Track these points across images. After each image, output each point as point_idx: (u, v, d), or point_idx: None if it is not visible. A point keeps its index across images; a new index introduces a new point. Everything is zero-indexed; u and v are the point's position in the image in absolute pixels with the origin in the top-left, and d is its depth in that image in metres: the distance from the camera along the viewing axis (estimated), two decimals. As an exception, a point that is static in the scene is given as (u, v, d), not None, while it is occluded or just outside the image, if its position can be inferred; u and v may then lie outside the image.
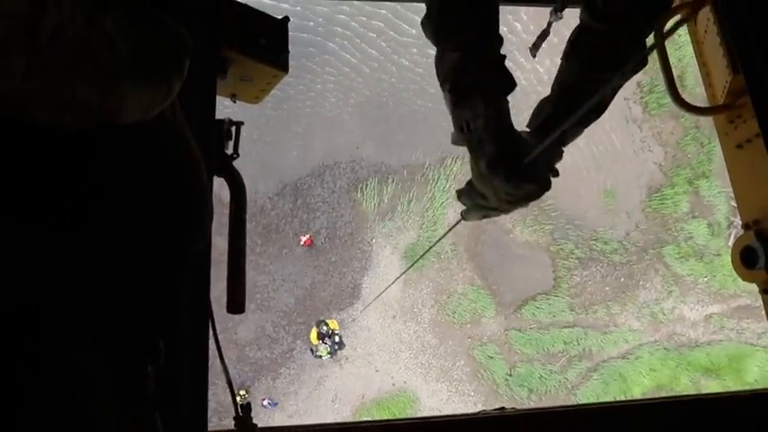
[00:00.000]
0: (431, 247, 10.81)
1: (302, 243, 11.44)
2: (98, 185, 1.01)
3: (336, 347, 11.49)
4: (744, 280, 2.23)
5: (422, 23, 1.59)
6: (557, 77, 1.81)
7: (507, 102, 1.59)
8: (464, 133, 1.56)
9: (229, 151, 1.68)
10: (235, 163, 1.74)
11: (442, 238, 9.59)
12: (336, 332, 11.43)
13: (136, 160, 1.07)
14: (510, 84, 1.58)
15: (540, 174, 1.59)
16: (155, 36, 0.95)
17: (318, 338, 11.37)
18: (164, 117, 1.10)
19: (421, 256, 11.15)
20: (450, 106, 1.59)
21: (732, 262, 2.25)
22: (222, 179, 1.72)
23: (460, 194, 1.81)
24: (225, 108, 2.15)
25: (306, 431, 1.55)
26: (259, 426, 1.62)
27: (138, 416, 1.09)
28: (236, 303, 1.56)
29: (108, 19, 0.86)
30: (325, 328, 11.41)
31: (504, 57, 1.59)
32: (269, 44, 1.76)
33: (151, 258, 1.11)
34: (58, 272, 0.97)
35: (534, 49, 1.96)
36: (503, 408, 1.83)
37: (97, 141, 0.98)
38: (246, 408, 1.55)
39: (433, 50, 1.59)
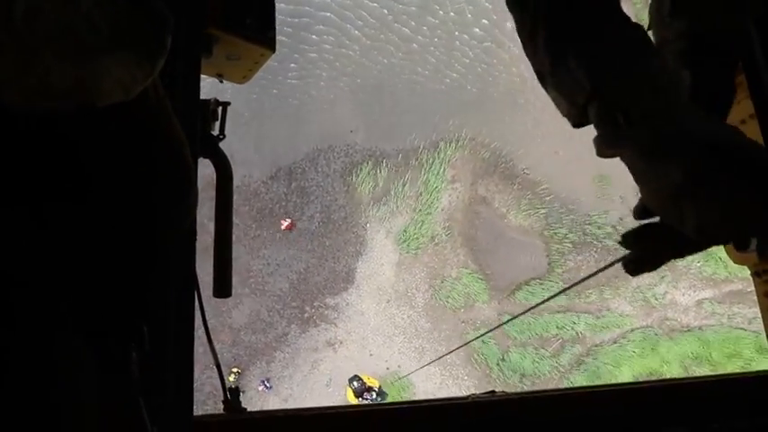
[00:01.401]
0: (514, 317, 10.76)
1: (283, 228, 11.38)
2: (78, 168, 0.99)
3: (380, 399, 11.56)
4: (735, 263, 2.20)
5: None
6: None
7: None
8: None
9: (216, 132, 1.64)
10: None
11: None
12: (374, 388, 11.47)
13: (117, 141, 1.05)
14: None
15: None
16: (135, 13, 0.92)
17: (356, 397, 11.42)
18: (146, 97, 1.07)
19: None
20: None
21: (724, 245, 2.22)
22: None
23: (632, 239, 1.12)
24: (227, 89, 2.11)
25: (294, 414, 1.54)
26: (248, 410, 1.61)
27: (123, 400, 1.09)
28: (223, 287, 1.54)
29: None
30: (356, 384, 11.44)
31: None
32: (255, 22, 1.72)
33: (134, 240, 1.10)
34: (42, 255, 0.96)
35: None
36: (493, 391, 1.81)
37: (77, 123, 0.96)
38: (235, 392, 1.53)
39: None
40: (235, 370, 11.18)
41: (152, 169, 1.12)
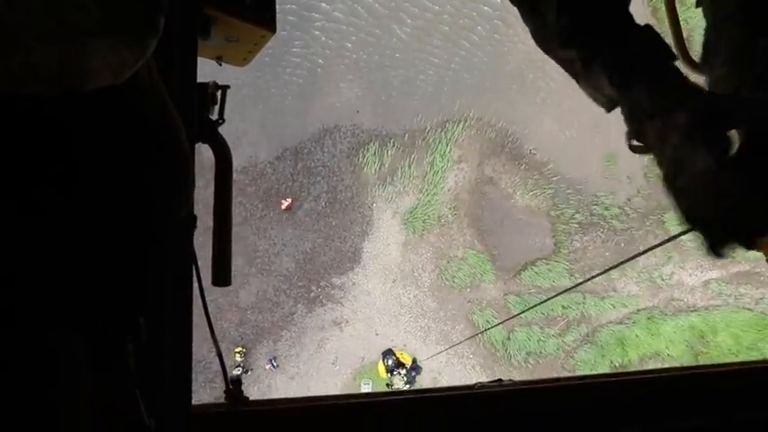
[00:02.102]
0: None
1: (284, 207, 11.37)
2: (67, 154, 0.96)
3: (414, 374, 11.56)
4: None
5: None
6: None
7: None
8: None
9: (215, 117, 1.60)
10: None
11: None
12: (406, 364, 11.47)
13: (108, 126, 1.02)
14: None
15: None
16: None
17: (387, 371, 11.42)
18: (138, 81, 1.04)
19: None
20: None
21: None
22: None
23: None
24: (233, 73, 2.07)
25: (296, 404, 1.52)
26: (252, 396, 1.60)
27: (119, 392, 1.08)
28: (222, 276, 1.51)
29: None
30: (390, 360, 11.44)
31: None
32: (254, 2, 1.67)
33: (129, 230, 1.08)
34: (36, 247, 0.94)
35: None
36: (500, 380, 1.79)
37: (65, 106, 0.93)
38: (237, 382, 1.52)
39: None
40: (238, 349, 11.27)
41: (145, 156, 1.09)
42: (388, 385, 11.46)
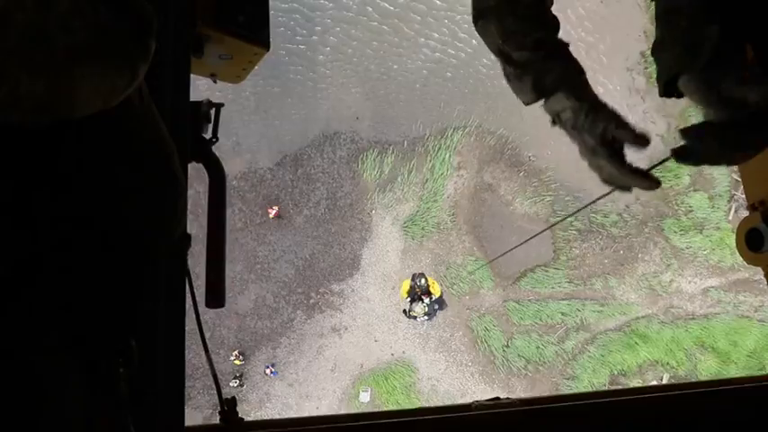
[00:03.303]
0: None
1: (271, 216, 11.35)
2: (59, 179, 0.95)
3: (436, 308, 10.83)
4: (748, 263, 2.13)
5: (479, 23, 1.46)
6: None
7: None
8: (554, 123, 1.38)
9: (209, 135, 1.60)
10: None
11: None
12: (434, 295, 10.79)
13: (99, 151, 1.00)
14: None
15: None
16: (116, 15, 0.86)
17: (407, 294, 10.80)
18: (129, 104, 1.02)
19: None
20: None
21: (736, 244, 2.15)
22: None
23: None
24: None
25: (291, 425, 1.51)
26: (250, 408, 1.59)
27: (111, 418, 1.07)
28: (215, 297, 1.50)
29: (62, 0, 0.77)
30: (421, 283, 10.69)
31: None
32: (248, 19, 1.67)
33: (120, 254, 1.06)
34: (23, 270, 0.93)
35: None
36: (497, 398, 1.77)
37: (53, 131, 0.91)
38: (232, 402, 1.51)
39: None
40: (235, 353, 11.23)
41: (137, 180, 1.08)
42: (404, 311, 10.90)
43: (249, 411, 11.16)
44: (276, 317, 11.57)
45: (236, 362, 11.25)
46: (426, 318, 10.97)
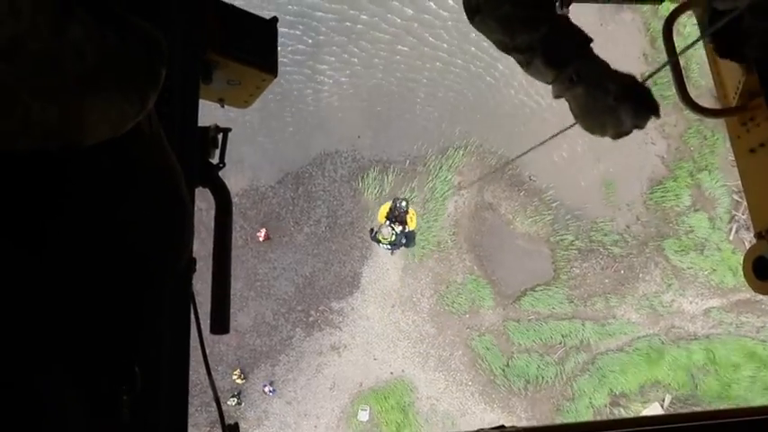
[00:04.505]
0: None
1: (261, 239, 11.31)
2: (67, 205, 0.95)
3: (403, 241, 9.94)
4: (756, 291, 2.10)
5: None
6: None
7: None
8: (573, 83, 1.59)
9: (215, 160, 1.62)
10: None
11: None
12: (408, 229, 10.02)
13: (107, 177, 1.01)
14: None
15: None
16: (127, 44, 0.87)
17: (386, 218, 9.98)
18: (138, 131, 1.02)
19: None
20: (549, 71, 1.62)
21: (744, 274, 2.11)
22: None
23: None
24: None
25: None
26: (247, 422, 1.59)
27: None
28: (220, 323, 1.51)
29: (75, 26, 0.77)
30: (402, 204, 9.94)
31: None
32: (256, 46, 1.69)
33: (126, 280, 1.06)
34: (27, 295, 0.93)
35: None
36: (502, 426, 1.76)
37: (65, 158, 0.92)
38: (234, 428, 1.51)
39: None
40: (236, 372, 11.16)
41: (144, 205, 1.09)
42: (370, 231, 10.16)
43: (247, 430, 11.06)
44: (275, 334, 11.52)
45: (238, 380, 11.17)
46: (389, 247, 10.12)
